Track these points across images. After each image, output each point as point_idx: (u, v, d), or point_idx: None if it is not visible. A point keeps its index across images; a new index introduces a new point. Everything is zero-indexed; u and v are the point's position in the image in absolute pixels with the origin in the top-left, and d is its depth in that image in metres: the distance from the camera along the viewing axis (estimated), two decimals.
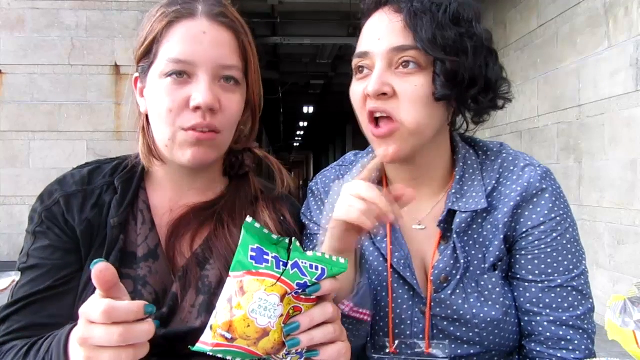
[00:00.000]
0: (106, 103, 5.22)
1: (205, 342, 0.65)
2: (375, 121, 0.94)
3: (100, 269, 0.63)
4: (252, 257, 0.65)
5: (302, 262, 0.66)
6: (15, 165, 5.15)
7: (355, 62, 0.98)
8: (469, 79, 0.92)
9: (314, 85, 12.99)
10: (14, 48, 5.17)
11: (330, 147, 31.14)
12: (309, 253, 0.68)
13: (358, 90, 0.97)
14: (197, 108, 0.89)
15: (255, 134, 1.07)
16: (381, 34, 0.93)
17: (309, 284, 0.65)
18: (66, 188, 0.96)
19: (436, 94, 0.91)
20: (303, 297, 0.67)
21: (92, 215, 0.94)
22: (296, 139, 31.98)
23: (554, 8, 4.80)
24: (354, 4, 7.27)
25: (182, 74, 0.90)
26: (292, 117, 19.75)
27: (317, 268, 0.66)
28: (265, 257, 0.65)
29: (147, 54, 0.94)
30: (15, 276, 0.89)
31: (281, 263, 0.65)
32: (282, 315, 0.65)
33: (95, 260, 0.64)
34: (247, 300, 0.64)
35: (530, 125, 5.20)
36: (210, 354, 0.65)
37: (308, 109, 18.39)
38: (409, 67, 0.91)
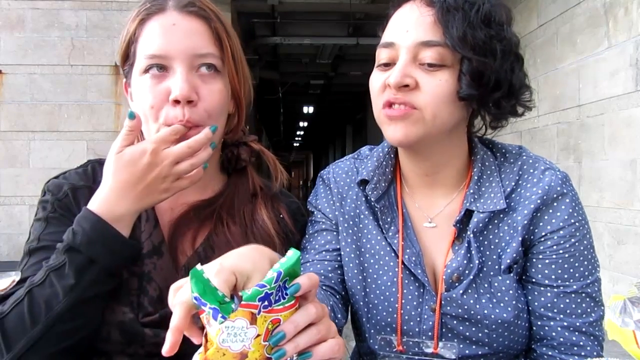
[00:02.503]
0: (106, 103, 5.22)
1: None
2: (390, 106, 0.93)
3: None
4: (195, 300, 0.63)
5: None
6: (15, 165, 5.15)
7: (379, 51, 0.96)
8: (494, 82, 0.91)
9: (314, 85, 12.99)
10: (14, 48, 5.17)
11: (330, 147, 31.13)
12: (266, 277, 0.65)
13: (379, 79, 0.95)
14: (175, 101, 0.89)
15: (240, 124, 1.06)
16: (409, 27, 0.92)
17: (268, 292, 0.64)
18: (73, 182, 0.97)
19: (460, 92, 0.90)
20: (280, 307, 0.66)
21: None
22: (296, 139, 31.97)
23: (554, 8, 4.80)
24: (354, 4, 7.30)
25: (161, 67, 0.90)
26: (292, 117, 19.75)
27: (272, 274, 0.64)
28: (203, 307, 0.63)
29: (127, 56, 0.95)
30: (15, 276, 0.89)
31: (219, 315, 0.62)
32: (258, 335, 0.64)
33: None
34: (216, 332, 0.63)
35: (530, 125, 5.20)
36: None
37: (308, 109, 18.38)
38: (434, 62, 0.90)
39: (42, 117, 5.17)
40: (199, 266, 0.65)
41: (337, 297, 1.03)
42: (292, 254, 0.67)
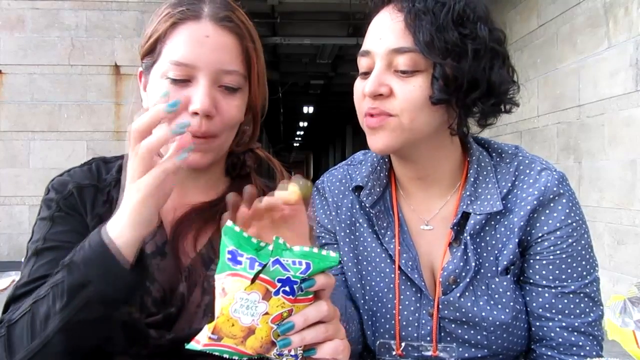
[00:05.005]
0: (106, 103, 5.22)
1: (198, 341, 0.67)
2: (370, 115, 0.94)
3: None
4: (228, 259, 0.66)
5: (285, 260, 0.66)
6: (15, 165, 5.15)
7: (358, 60, 0.97)
8: (468, 83, 0.89)
9: (314, 85, 12.99)
10: (14, 48, 5.17)
11: (330, 147, 31.13)
12: (296, 248, 0.67)
13: (358, 88, 0.97)
14: (195, 113, 0.89)
15: (255, 138, 1.07)
16: (382, 34, 0.92)
17: (292, 278, 0.65)
18: (78, 180, 0.96)
19: (433, 98, 0.89)
20: (300, 297, 0.67)
21: (103, 211, 0.93)
22: (296, 139, 31.97)
23: (554, 8, 4.80)
24: (354, 4, 7.30)
25: (183, 79, 0.90)
26: (292, 117, 19.74)
27: (300, 263, 0.66)
28: (239, 258, 0.66)
29: (151, 52, 0.94)
30: (15, 276, 0.88)
31: (256, 264, 0.65)
32: (266, 314, 0.65)
33: None
34: (229, 300, 0.65)
35: (530, 125, 5.20)
36: (203, 350, 0.67)
37: (308, 109, 18.38)
38: (407, 69, 0.90)
39: (42, 117, 5.17)
40: (228, 222, 0.67)
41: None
42: (334, 256, 0.68)
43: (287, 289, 0.65)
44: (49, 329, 0.75)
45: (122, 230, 0.73)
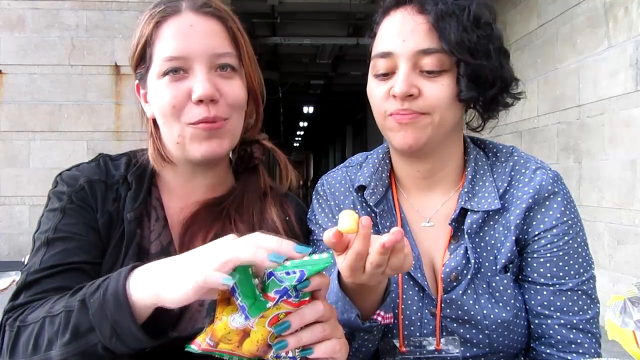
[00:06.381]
0: (106, 103, 5.22)
1: (198, 344, 0.67)
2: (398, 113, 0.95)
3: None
4: (233, 286, 0.64)
5: (279, 273, 0.65)
6: (15, 165, 5.15)
7: (375, 61, 0.97)
8: (489, 81, 0.94)
9: (314, 85, 12.99)
10: (14, 48, 5.17)
11: (330, 147, 31.13)
12: (287, 263, 0.66)
13: (380, 89, 0.97)
14: (199, 101, 0.90)
15: (260, 122, 1.07)
16: (406, 36, 0.93)
17: (288, 288, 0.65)
18: (88, 175, 0.96)
19: (462, 95, 0.92)
20: (296, 301, 0.67)
21: (112, 208, 0.94)
22: (296, 139, 31.97)
23: (554, 8, 4.80)
24: (354, 4, 7.30)
25: (179, 70, 0.91)
26: (292, 117, 19.74)
27: (294, 272, 0.66)
28: (234, 298, 0.65)
29: (142, 59, 0.95)
30: (15, 276, 0.88)
31: (244, 315, 0.64)
32: (262, 317, 0.65)
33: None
34: (231, 310, 0.66)
35: (530, 125, 5.20)
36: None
37: (308, 109, 18.38)
38: (434, 69, 0.92)
39: (42, 117, 5.17)
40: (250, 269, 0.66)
41: None
42: (326, 257, 0.68)
43: (284, 298, 0.66)
44: (51, 353, 0.74)
45: (146, 290, 0.70)
